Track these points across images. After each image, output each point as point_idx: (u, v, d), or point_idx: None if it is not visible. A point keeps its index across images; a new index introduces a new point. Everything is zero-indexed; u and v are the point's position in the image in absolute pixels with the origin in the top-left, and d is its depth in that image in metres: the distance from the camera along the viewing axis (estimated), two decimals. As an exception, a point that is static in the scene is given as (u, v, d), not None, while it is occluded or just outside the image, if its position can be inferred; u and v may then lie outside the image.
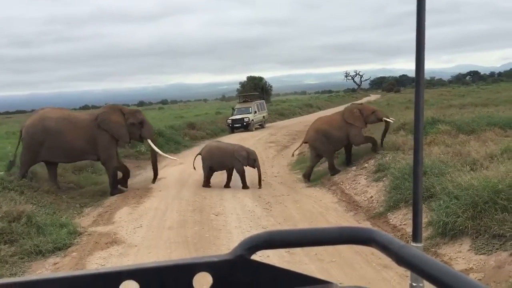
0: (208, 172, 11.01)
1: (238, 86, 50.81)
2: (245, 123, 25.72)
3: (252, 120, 26.09)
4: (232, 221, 7.87)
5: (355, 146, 11.56)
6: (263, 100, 31.43)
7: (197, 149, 19.22)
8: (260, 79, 50.06)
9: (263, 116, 28.20)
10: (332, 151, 11.48)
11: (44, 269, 6.09)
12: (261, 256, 5.65)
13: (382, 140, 11.15)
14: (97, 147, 10.32)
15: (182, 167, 13.51)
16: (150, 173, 13.17)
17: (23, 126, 10.48)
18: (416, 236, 0.97)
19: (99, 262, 6.10)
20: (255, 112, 26.69)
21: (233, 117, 26.59)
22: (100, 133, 10.28)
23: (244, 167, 10.76)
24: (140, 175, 13.24)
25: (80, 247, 6.84)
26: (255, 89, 42.53)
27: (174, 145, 19.08)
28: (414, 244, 0.95)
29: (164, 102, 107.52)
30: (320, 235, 0.74)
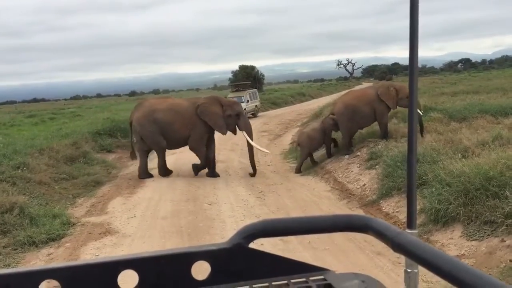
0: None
1: (230, 75, 50.64)
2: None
3: (245, 109, 26.01)
4: (226, 210, 7.89)
5: (380, 124, 11.05)
6: (256, 89, 31.35)
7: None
8: (252, 68, 49.90)
9: (256, 105, 28.14)
10: (353, 130, 11.17)
11: (38, 260, 6.08)
12: (255, 244, 5.69)
13: (421, 131, 10.25)
14: (191, 133, 10.77)
15: (175, 157, 13.48)
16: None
17: (132, 119, 11.05)
18: (410, 223, 0.98)
19: (93, 253, 6.10)
20: (248, 101, 26.62)
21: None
22: (198, 121, 10.72)
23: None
24: (133, 165, 13.19)
25: (73, 237, 6.82)
26: (247, 78, 42.41)
27: (167, 134, 19.02)
28: (409, 231, 0.96)
29: (156, 91, 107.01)
30: (317, 223, 0.74)
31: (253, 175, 10.89)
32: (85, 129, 15.61)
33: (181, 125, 10.70)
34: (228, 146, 15.09)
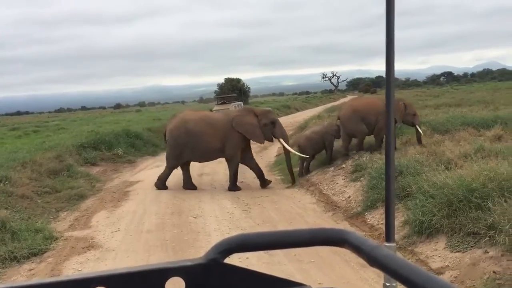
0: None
1: (216, 88, 50.77)
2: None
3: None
4: (211, 223, 7.84)
5: (375, 137, 11.05)
6: (241, 102, 31.41)
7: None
8: (238, 80, 50.08)
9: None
10: (364, 133, 11.06)
11: (20, 275, 5.97)
12: (240, 257, 5.60)
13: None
14: (226, 145, 10.75)
15: (160, 170, 13.40)
16: (128, 176, 13.08)
17: (166, 129, 11.23)
18: (388, 236, 0.98)
19: (75, 267, 6.01)
20: (233, 113, 26.60)
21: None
22: (233, 133, 10.72)
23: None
24: (117, 178, 13.09)
25: (56, 252, 6.72)
26: (233, 90, 42.52)
27: (152, 147, 18.90)
28: (387, 244, 0.97)
29: (141, 104, 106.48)
30: (294, 237, 0.74)
31: (293, 182, 10.96)
32: (69, 142, 15.43)
33: (213, 137, 10.66)
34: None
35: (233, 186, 10.80)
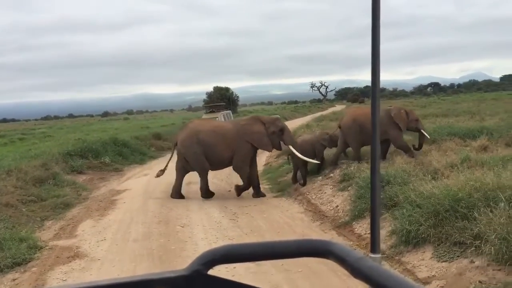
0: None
1: (204, 97, 50.77)
2: (211, 134, 25.55)
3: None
4: (198, 232, 7.79)
5: (399, 147, 10.96)
6: (230, 111, 31.39)
7: (163, 159, 19.05)
8: (227, 89, 50.16)
9: (230, 127, 28.09)
10: (360, 143, 11.00)
11: (3, 286, 5.87)
12: (227, 267, 5.57)
13: (419, 149, 10.80)
14: (235, 155, 10.79)
15: (147, 178, 13.33)
16: (115, 185, 12.99)
17: (176, 140, 11.22)
18: (374, 247, 0.98)
19: (60, 277, 5.92)
20: (222, 122, 26.58)
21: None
22: (243, 143, 10.75)
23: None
24: (104, 186, 12.98)
25: (40, 262, 6.62)
26: (222, 99, 42.56)
27: (140, 156, 18.81)
28: (372, 255, 0.96)
29: (129, 112, 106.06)
30: (279, 249, 0.73)
31: (303, 185, 10.96)
32: (55, 150, 15.28)
33: (224, 147, 10.72)
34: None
35: (258, 192, 10.88)
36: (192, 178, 13.23)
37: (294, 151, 10.97)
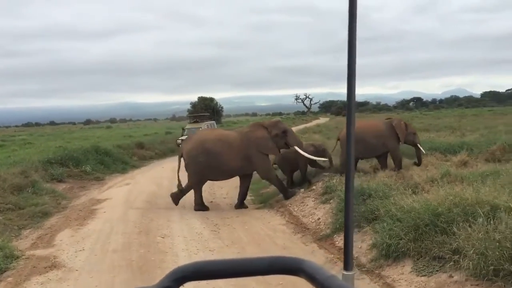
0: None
1: (189, 106, 50.75)
2: (195, 144, 25.48)
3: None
4: (179, 243, 7.72)
5: (395, 159, 11.13)
6: (214, 121, 31.42)
7: (145, 168, 18.93)
8: (211, 99, 50.23)
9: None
10: (361, 155, 11.01)
11: (-24, 296, 5.73)
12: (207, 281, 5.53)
13: (419, 165, 10.89)
14: (251, 163, 10.75)
15: (128, 188, 13.20)
16: (95, 194, 12.82)
17: (182, 151, 11.08)
18: (347, 264, 0.98)
19: (36, 288, 5.80)
20: (206, 133, 26.52)
21: (183, 137, 26.37)
22: (252, 151, 10.73)
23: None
24: (85, 195, 12.81)
25: (16, 271, 6.47)
26: (206, 109, 42.59)
27: (122, 165, 18.65)
28: (345, 273, 0.96)
29: (112, 120, 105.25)
30: (250, 266, 0.73)
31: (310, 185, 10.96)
32: (35, 157, 15.08)
33: (231, 155, 10.61)
34: (184, 178, 14.90)
35: (286, 193, 10.80)
36: (175, 188, 13.16)
37: (300, 151, 10.95)
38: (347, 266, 0.82)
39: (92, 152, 17.73)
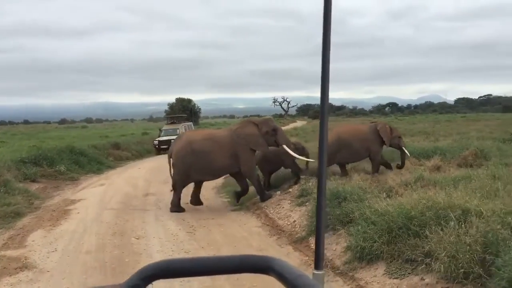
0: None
1: (166, 107, 50.42)
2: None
3: (179, 142, 25.81)
4: (154, 245, 7.67)
5: (373, 161, 11.21)
6: (191, 122, 31.30)
7: (121, 169, 18.73)
8: (189, 101, 50.01)
9: (191, 138, 27.94)
10: (333, 162, 11.07)
11: None
12: (181, 281, 5.45)
13: (401, 167, 10.98)
14: (239, 161, 10.68)
15: (103, 188, 13.04)
16: (69, 194, 12.63)
17: (171, 152, 10.92)
18: (317, 264, 0.99)
19: (6, 289, 5.68)
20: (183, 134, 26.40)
21: (160, 138, 26.23)
22: (241, 147, 10.67)
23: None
24: (58, 196, 12.60)
25: (-15, 273, 6.33)
26: (184, 111, 42.41)
27: (97, 165, 18.41)
28: (316, 272, 0.97)
29: (88, 120, 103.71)
30: (220, 264, 0.73)
31: (296, 181, 10.99)
32: (7, 157, 14.77)
33: (220, 154, 10.58)
34: (160, 179, 14.81)
35: (263, 195, 10.76)
36: (151, 189, 13.06)
37: (289, 150, 10.94)
38: (317, 265, 0.84)
39: (66, 152, 17.47)
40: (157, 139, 26.35)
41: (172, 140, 25.29)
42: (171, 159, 10.90)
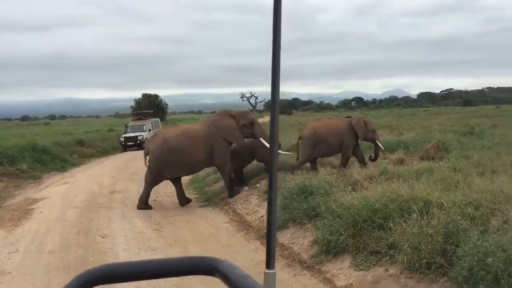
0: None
1: (133, 103, 49.72)
2: (138, 141, 25.06)
3: (146, 138, 25.53)
4: (120, 243, 7.55)
5: (343, 156, 11.28)
6: (158, 118, 30.97)
7: (86, 167, 18.37)
8: (156, 96, 49.49)
9: (158, 135, 27.67)
10: (313, 157, 11.15)
11: None
12: (149, 283, 5.35)
13: (374, 160, 11.21)
14: (214, 153, 10.59)
15: (67, 187, 12.75)
16: (31, 193, 12.30)
17: (147, 150, 10.70)
18: (269, 262, 0.99)
19: (-36, 293, 5.49)
20: (150, 130, 26.11)
21: (126, 135, 25.86)
22: (216, 139, 10.58)
23: None
24: (20, 195, 12.25)
25: None
26: (150, 107, 41.91)
27: (60, 163, 17.99)
28: (267, 271, 0.97)
29: (52, 117, 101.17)
30: (164, 267, 0.71)
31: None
32: (-35, 155, 14.26)
33: (196, 149, 10.44)
34: (126, 176, 14.60)
35: (231, 191, 10.69)
36: (117, 187, 12.85)
37: (265, 143, 10.79)
38: (269, 264, 0.83)
39: (28, 149, 17.00)
40: (123, 136, 25.97)
41: (138, 137, 25.16)
42: (147, 157, 10.75)
